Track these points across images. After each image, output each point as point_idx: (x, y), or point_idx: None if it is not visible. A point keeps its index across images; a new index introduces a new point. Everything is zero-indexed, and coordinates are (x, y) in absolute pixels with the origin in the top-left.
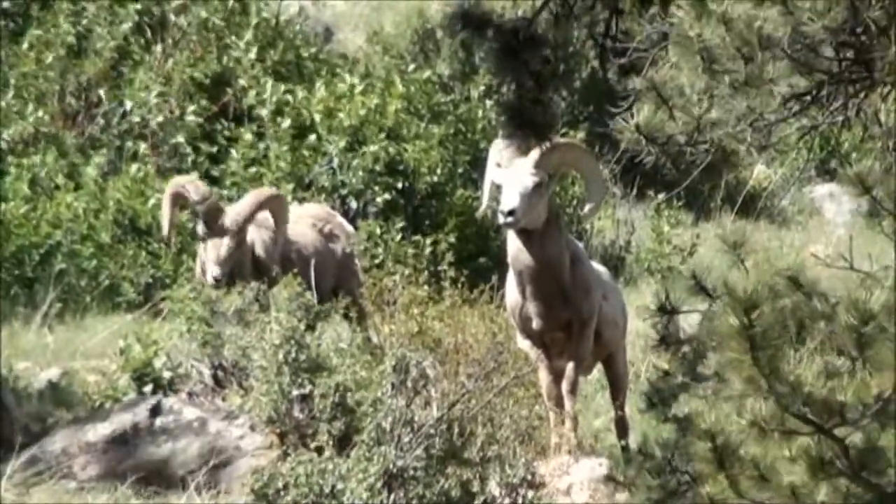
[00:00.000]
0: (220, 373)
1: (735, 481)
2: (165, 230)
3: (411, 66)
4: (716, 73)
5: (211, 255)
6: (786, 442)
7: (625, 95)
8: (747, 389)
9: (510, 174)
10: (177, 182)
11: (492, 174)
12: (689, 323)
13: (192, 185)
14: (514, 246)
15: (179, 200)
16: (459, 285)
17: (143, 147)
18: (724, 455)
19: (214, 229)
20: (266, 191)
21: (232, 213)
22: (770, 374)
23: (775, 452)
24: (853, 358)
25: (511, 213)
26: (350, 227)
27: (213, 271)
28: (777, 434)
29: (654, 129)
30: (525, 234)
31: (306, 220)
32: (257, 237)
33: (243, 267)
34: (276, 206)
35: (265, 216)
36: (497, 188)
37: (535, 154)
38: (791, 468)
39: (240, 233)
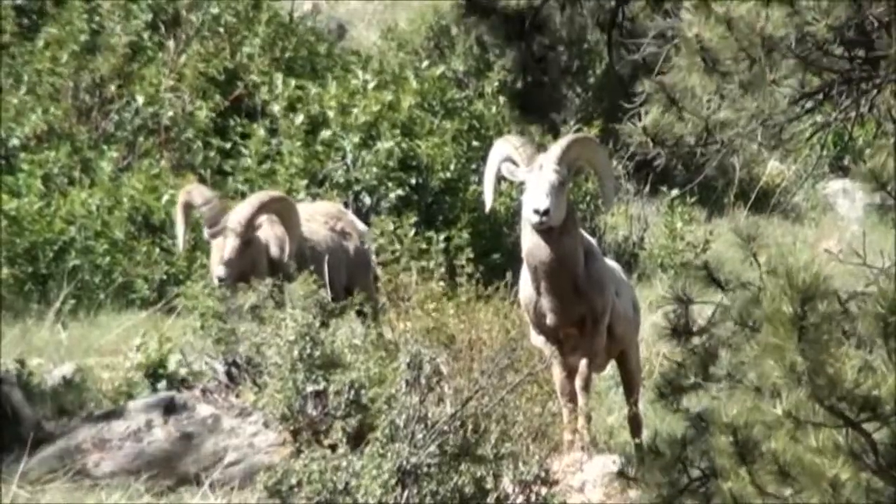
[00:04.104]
0: (233, 369)
1: (755, 476)
2: (180, 241)
3: (425, 63)
4: (721, 74)
5: (215, 256)
6: (814, 434)
7: (637, 93)
8: (784, 377)
9: (536, 173)
10: (184, 190)
11: (494, 171)
12: (702, 317)
13: (195, 190)
14: (530, 242)
15: (189, 208)
16: (474, 281)
17: (155, 143)
18: (745, 449)
19: (218, 231)
20: (267, 193)
21: (234, 215)
22: (813, 365)
23: (798, 445)
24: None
25: (545, 212)
26: (361, 225)
27: (218, 271)
28: (803, 426)
29: (663, 130)
30: (545, 231)
31: (318, 218)
32: (272, 235)
33: (258, 266)
34: (280, 208)
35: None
36: (511, 185)
37: (556, 150)
38: (816, 461)
39: (243, 234)
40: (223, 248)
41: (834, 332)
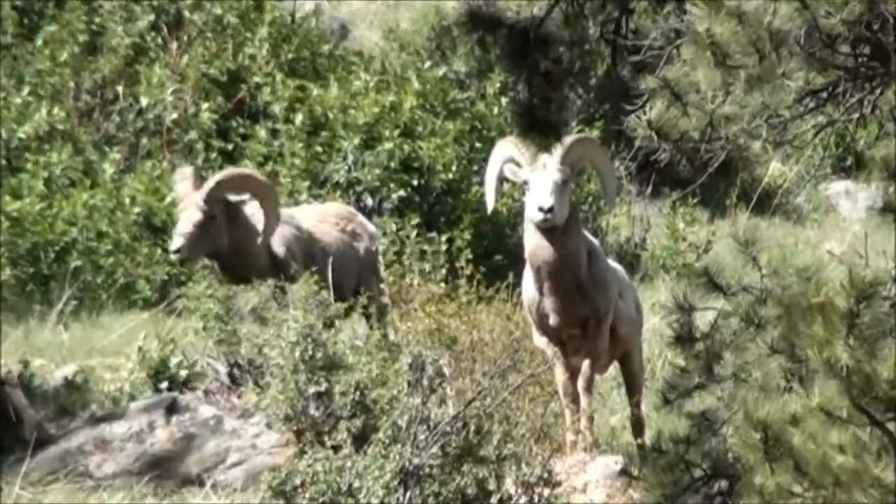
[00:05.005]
0: (236, 370)
1: (777, 472)
2: None
3: (427, 63)
4: (729, 69)
5: (177, 227)
6: (837, 431)
7: (639, 94)
8: (823, 371)
9: (539, 172)
10: None
11: (496, 172)
12: (704, 321)
13: (178, 171)
14: (534, 242)
15: None
16: (475, 282)
17: (158, 144)
18: (774, 445)
19: (184, 205)
20: (232, 169)
21: (200, 190)
22: (856, 363)
23: (820, 441)
24: None
25: (550, 210)
26: (372, 227)
27: (175, 242)
28: (829, 421)
29: (668, 125)
30: (548, 230)
31: (329, 220)
32: (277, 234)
33: (257, 260)
34: (248, 184)
35: (286, 213)
36: (513, 186)
37: (559, 150)
38: (838, 458)
39: (204, 207)
40: (185, 219)
41: (882, 332)
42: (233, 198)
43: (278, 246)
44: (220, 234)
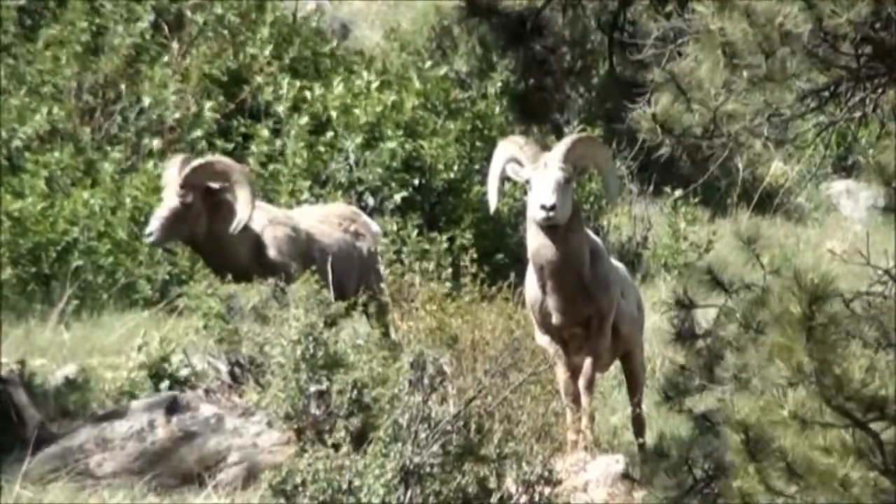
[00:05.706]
0: (236, 369)
1: (764, 474)
2: None
3: (428, 63)
4: (736, 67)
5: (154, 211)
6: (821, 433)
7: (641, 91)
8: (792, 377)
9: (541, 171)
10: None
11: (498, 171)
12: (706, 319)
13: (170, 158)
14: (537, 241)
15: None
16: (479, 282)
17: (159, 144)
18: (756, 447)
19: (165, 191)
20: (209, 157)
21: (178, 176)
22: (820, 366)
23: (806, 444)
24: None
25: (552, 208)
26: (375, 226)
27: (150, 225)
28: (810, 426)
29: (672, 120)
30: (551, 229)
31: (332, 220)
32: (269, 233)
33: (235, 251)
34: (227, 173)
35: (284, 215)
36: (514, 185)
37: (561, 148)
38: (823, 460)
39: (179, 192)
40: (163, 205)
41: (840, 332)
42: (213, 185)
43: (270, 246)
44: (196, 221)
